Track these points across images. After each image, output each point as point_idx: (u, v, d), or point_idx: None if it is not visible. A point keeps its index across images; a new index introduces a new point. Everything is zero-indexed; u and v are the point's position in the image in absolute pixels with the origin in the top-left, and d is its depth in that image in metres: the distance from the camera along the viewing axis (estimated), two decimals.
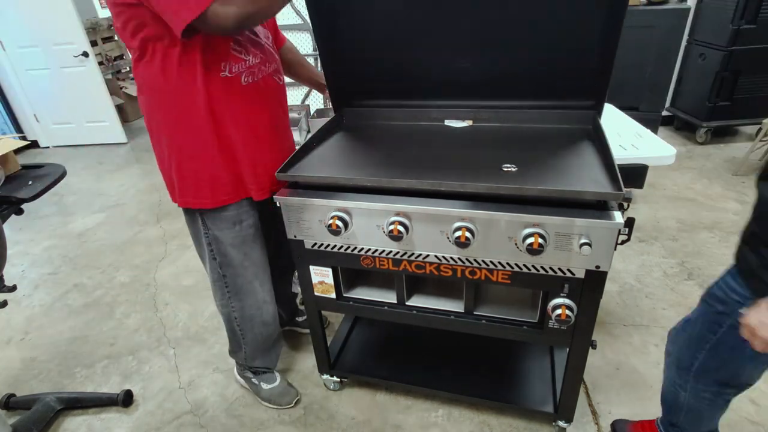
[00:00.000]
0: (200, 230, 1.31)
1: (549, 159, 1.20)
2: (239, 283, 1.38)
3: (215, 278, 1.39)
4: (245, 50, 1.17)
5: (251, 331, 1.48)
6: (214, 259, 1.34)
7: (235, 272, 1.36)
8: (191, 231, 1.36)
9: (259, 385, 1.60)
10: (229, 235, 1.30)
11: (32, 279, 2.49)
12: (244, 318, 1.44)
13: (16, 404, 1.65)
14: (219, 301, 1.44)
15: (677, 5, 2.99)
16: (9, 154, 1.68)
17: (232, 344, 1.57)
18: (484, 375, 1.55)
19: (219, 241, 1.31)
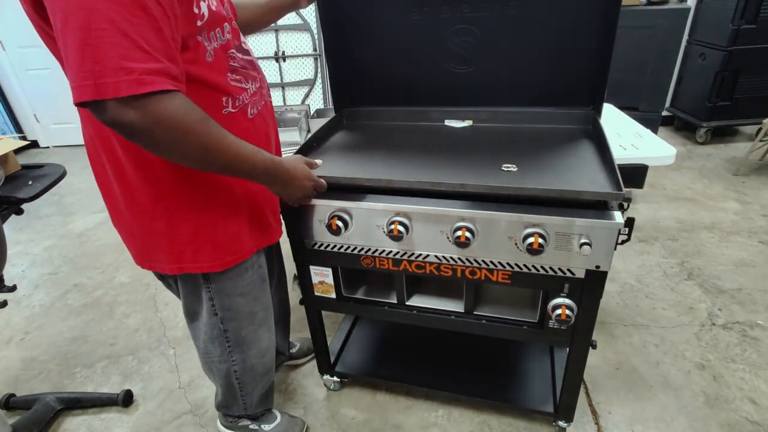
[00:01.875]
0: (199, 287, 1.11)
1: (549, 159, 1.20)
2: (243, 335, 1.20)
3: (213, 335, 1.18)
4: (244, 77, 1.00)
5: (252, 382, 1.31)
6: (215, 315, 1.14)
7: (239, 325, 1.18)
8: (183, 291, 1.13)
9: (259, 429, 1.42)
10: (240, 284, 1.12)
11: (32, 279, 2.49)
12: (245, 370, 1.27)
13: (16, 404, 1.65)
14: (216, 358, 1.23)
15: (677, 5, 2.99)
16: (9, 154, 1.68)
17: (226, 399, 1.35)
18: (484, 375, 1.55)
19: (224, 294, 1.11)
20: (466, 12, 1.34)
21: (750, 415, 1.48)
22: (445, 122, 1.52)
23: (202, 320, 1.18)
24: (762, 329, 1.81)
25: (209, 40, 0.89)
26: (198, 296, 1.13)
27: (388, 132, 1.50)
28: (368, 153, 1.35)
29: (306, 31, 3.41)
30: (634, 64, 3.01)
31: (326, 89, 3.56)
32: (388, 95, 1.56)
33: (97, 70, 0.68)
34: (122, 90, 0.69)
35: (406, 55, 1.46)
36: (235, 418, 1.42)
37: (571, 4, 1.26)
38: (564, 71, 1.37)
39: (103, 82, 0.68)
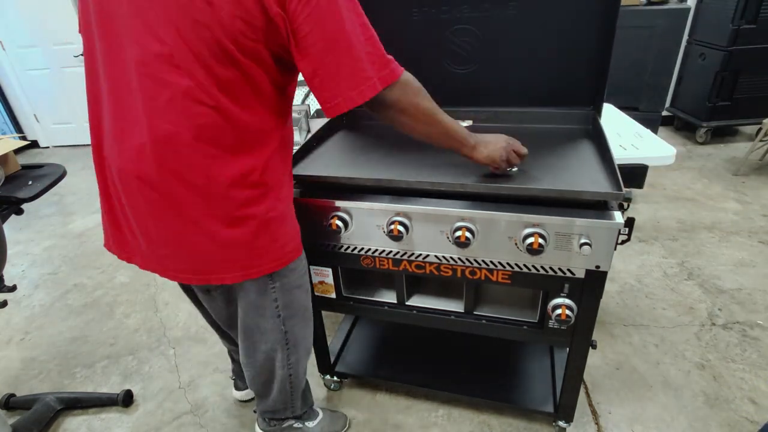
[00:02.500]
0: (266, 289, 1.06)
1: (549, 159, 1.20)
2: (298, 333, 1.17)
3: (275, 341, 1.14)
4: None
5: (300, 384, 1.28)
6: (278, 316, 1.10)
7: (297, 322, 1.15)
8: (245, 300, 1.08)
9: (303, 426, 1.38)
10: (298, 275, 1.11)
11: (32, 279, 2.49)
12: (298, 373, 1.23)
13: (16, 404, 1.65)
14: (278, 364, 1.18)
15: (677, 5, 2.99)
16: (9, 154, 1.68)
17: (276, 404, 1.29)
18: (484, 375, 1.55)
19: (286, 289, 1.08)
20: (466, 12, 1.34)
21: (750, 415, 1.48)
22: None
23: (266, 327, 1.12)
24: (762, 329, 1.81)
25: None
26: (263, 301, 1.07)
27: (388, 132, 1.49)
28: (368, 153, 1.35)
29: None
30: (634, 64, 3.01)
31: None
32: None
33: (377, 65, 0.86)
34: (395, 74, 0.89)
35: (406, 55, 1.46)
36: (279, 421, 1.36)
37: (571, 4, 1.27)
38: (564, 71, 1.37)
39: (384, 74, 0.87)
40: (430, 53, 1.43)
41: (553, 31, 1.32)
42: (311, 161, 1.29)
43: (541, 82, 1.41)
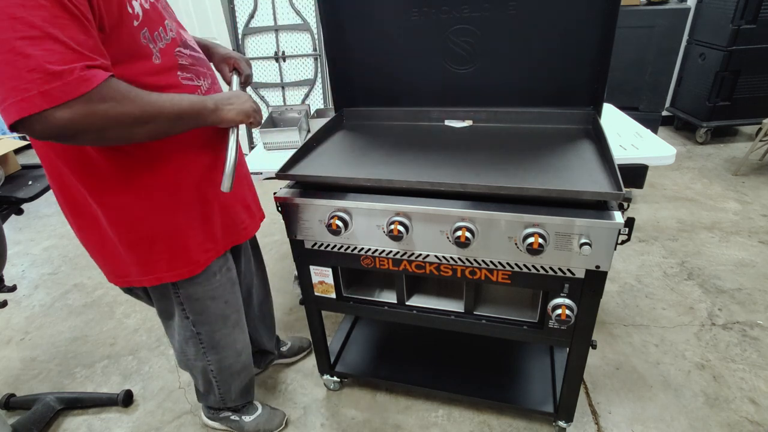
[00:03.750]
0: (168, 293, 1.13)
1: (549, 159, 1.20)
2: (217, 338, 1.24)
3: (186, 336, 1.22)
4: (195, 75, 0.99)
5: (228, 379, 1.35)
6: (186, 318, 1.17)
7: (212, 327, 1.21)
8: (154, 296, 1.15)
9: (240, 420, 1.48)
10: (208, 288, 1.14)
11: (32, 279, 2.49)
12: (222, 369, 1.31)
13: (16, 404, 1.65)
14: (191, 356, 1.27)
15: (677, 5, 2.99)
16: (9, 154, 1.68)
17: (205, 392, 1.41)
18: (484, 375, 1.55)
19: (193, 298, 1.14)
20: (466, 12, 1.34)
21: (750, 415, 1.48)
22: (445, 122, 1.52)
23: (175, 322, 1.21)
24: (762, 329, 1.81)
25: (154, 41, 0.89)
26: (169, 301, 1.15)
27: (388, 132, 1.50)
28: (368, 153, 1.35)
29: (306, 31, 3.41)
30: (634, 64, 3.01)
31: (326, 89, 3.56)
32: (388, 95, 1.56)
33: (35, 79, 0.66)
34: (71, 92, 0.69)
35: (406, 55, 1.46)
36: (215, 411, 1.48)
37: (571, 4, 1.26)
38: (564, 71, 1.37)
39: (46, 90, 0.67)
40: (430, 53, 1.43)
41: (553, 31, 1.32)
42: (311, 161, 1.29)
43: (541, 82, 1.41)
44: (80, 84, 0.69)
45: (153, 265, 1.04)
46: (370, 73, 1.53)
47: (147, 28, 0.87)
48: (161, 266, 1.04)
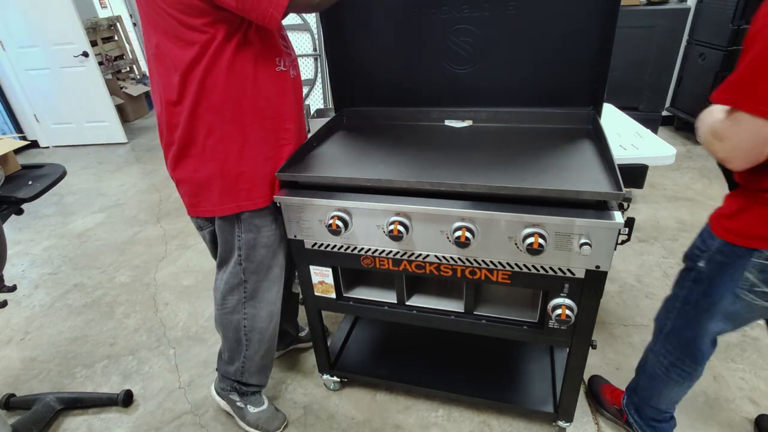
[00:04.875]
0: (233, 234, 1.23)
1: (549, 159, 1.20)
2: (259, 289, 1.31)
3: (234, 283, 1.30)
4: (287, 45, 1.20)
5: (257, 344, 1.38)
6: (240, 264, 1.26)
7: (258, 277, 1.30)
8: (220, 236, 1.26)
9: (245, 408, 1.49)
10: (265, 234, 1.24)
11: (32, 279, 2.49)
12: (254, 328, 1.35)
13: (16, 404, 1.65)
14: (231, 306, 1.33)
15: (677, 5, 2.99)
16: (9, 154, 1.68)
17: (230, 354, 1.42)
18: (484, 375, 1.55)
19: (251, 243, 1.24)
20: (466, 12, 1.34)
21: (750, 415, 1.48)
22: (445, 122, 1.52)
23: (228, 268, 1.29)
24: (762, 329, 1.80)
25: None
26: (230, 244, 1.25)
27: (388, 132, 1.50)
28: (368, 153, 1.35)
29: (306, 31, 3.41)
30: (634, 64, 3.01)
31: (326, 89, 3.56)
32: (388, 95, 1.56)
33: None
34: None
35: (406, 55, 1.46)
36: (228, 389, 1.50)
37: (571, 4, 1.27)
38: (564, 71, 1.37)
39: None
40: (430, 53, 1.43)
41: (553, 31, 1.32)
42: (311, 161, 1.29)
43: (541, 82, 1.41)
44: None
45: (236, 194, 1.17)
46: (370, 73, 1.54)
47: None
48: (242, 195, 1.17)
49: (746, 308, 1.01)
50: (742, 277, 0.97)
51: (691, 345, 1.14)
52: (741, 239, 0.95)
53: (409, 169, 1.21)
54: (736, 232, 0.95)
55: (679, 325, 1.15)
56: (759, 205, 0.91)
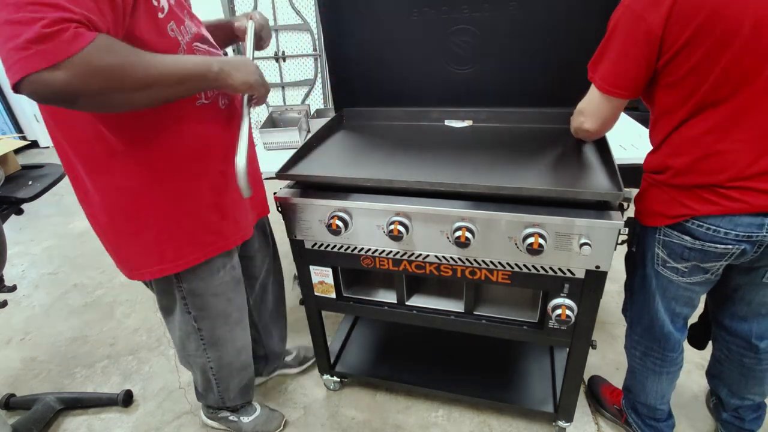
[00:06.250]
0: (171, 287, 1.12)
1: (549, 159, 1.21)
2: (218, 334, 1.23)
3: (187, 331, 1.21)
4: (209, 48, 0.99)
5: (228, 377, 1.34)
6: (188, 313, 1.16)
7: (213, 324, 1.20)
8: (156, 289, 1.14)
9: (239, 420, 1.47)
10: (211, 285, 1.13)
11: (32, 279, 2.49)
12: (221, 366, 1.30)
13: (16, 404, 1.65)
14: (192, 352, 1.26)
15: None
16: (9, 154, 1.68)
17: (204, 388, 1.39)
18: (484, 375, 1.55)
19: (196, 294, 1.13)
20: (466, 12, 1.34)
21: None
22: (445, 122, 1.52)
23: (176, 317, 1.19)
24: None
25: (182, 34, 0.89)
26: (171, 295, 1.14)
27: (388, 132, 1.50)
28: (368, 153, 1.35)
29: (306, 31, 3.41)
30: None
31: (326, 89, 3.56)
32: (388, 95, 1.56)
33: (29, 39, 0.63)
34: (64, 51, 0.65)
35: (406, 55, 1.46)
36: (215, 410, 1.48)
37: (571, 4, 1.27)
38: (564, 71, 1.37)
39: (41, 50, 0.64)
40: (430, 53, 1.43)
41: (553, 31, 1.32)
42: (311, 161, 1.29)
43: (541, 82, 1.41)
44: (72, 42, 0.65)
45: (157, 255, 1.03)
46: (370, 73, 1.54)
47: (174, 22, 0.87)
48: (167, 256, 1.03)
49: (671, 285, 1.08)
50: (655, 255, 1.06)
51: (655, 329, 1.17)
52: (645, 218, 1.06)
53: (409, 169, 1.20)
54: (641, 212, 1.07)
55: (636, 313, 1.21)
56: (652, 186, 1.03)
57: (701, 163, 0.92)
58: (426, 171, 1.18)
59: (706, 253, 0.97)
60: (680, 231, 0.98)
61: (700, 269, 1.02)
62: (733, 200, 0.90)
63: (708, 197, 0.92)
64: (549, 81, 1.40)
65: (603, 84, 0.97)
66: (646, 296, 1.14)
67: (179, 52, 0.88)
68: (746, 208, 0.90)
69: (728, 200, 0.90)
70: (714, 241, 0.94)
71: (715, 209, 0.92)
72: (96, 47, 0.68)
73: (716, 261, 0.98)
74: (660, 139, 0.99)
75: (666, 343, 1.17)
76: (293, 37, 3.43)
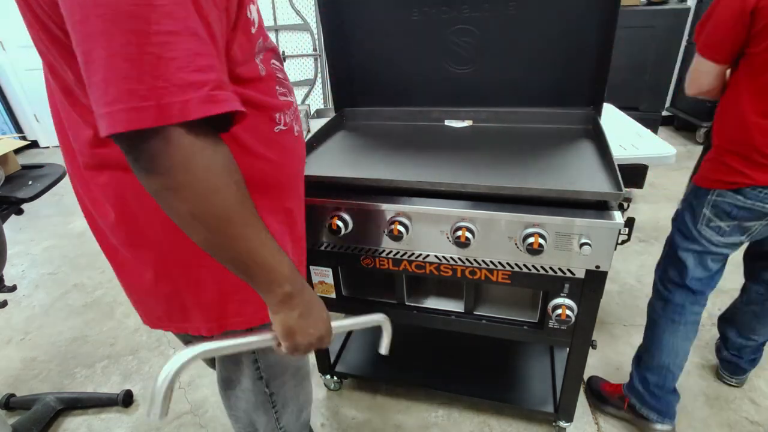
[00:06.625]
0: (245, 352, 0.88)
1: (549, 159, 1.20)
2: (288, 395, 0.98)
3: (258, 402, 0.95)
4: (288, 89, 0.80)
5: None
6: (260, 379, 0.92)
7: (282, 381, 0.95)
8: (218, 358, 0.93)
9: None
10: None
11: (32, 279, 2.49)
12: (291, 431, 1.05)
13: (16, 404, 1.65)
14: (262, 427, 1.00)
15: (677, 5, 2.99)
16: (9, 154, 1.68)
17: None
18: (484, 375, 1.55)
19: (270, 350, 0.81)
20: (466, 12, 1.34)
21: (750, 415, 1.48)
22: (445, 122, 1.52)
23: (242, 387, 0.94)
24: None
25: (263, 50, 0.72)
26: (237, 359, 0.91)
27: (388, 132, 1.50)
28: (368, 153, 1.35)
29: (306, 31, 3.41)
30: (634, 64, 3.01)
31: (326, 89, 3.56)
32: (388, 95, 1.56)
33: (159, 86, 0.50)
34: (191, 111, 0.51)
35: (406, 55, 1.46)
36: None
37: (571, 4, 1.27)
38: (563, 71, 1.37)
39: (168, 103, 0.50)
40: (430, 53, 1.43)
41: (553, 31, 1.32)
42: (311, 161, 1.29)
43: (541, 82, 1.41)
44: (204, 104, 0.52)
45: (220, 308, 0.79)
46: (370, 73, 1.54)
47: (261, 37, 0.70)
48: (231, 309, 0.80)
49: (709, 243, 1.23)
50: (702, 214, 1.21)
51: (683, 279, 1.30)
52: (702, 181, 1.21)
53: (409, 169, 1.20)
54: (701, 177, 1.22)
55: (669, 263, 1.35)
56: (718, 156, 1.17)
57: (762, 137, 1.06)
58: (426, 171, 1.18)
59: (753, 212, 1.12)
60: (735, 192, 1.13)
61: (740, 229, 1.17)
62: None
63: None
64: (549, 81, 1.40)
65: (702, 48, 1.12)
66: (682, 249, 1.28)
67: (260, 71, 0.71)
68: None
69: None
70: (764, 202, 1.10)
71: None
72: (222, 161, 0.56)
73: (758, 220, 1.14)
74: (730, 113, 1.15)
75: (689, 294, 1.31)
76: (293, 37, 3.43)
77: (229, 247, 0.61)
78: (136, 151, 0.53)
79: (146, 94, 0.49)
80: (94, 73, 0.50)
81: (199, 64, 0.52)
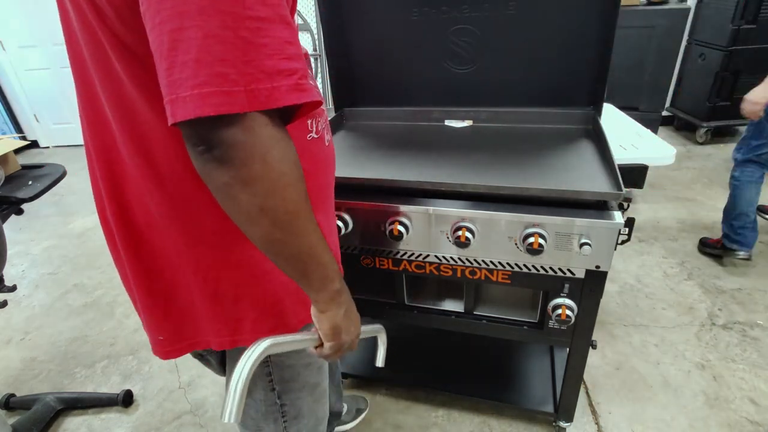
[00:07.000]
0: None
1: (549, 159, 1.20)
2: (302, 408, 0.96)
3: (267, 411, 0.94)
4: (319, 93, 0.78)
5: None
6: (272, 390, 0.91)
7: (297, 395, 0.94)
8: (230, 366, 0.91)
9: None
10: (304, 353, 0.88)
11: (32, 279, 2.49)
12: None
13: (16, 404, 1.65)
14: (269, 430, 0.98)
15: (677, 5, 2.99)
16: (9, 154, 1.68)
17: None
18: (484, 375, 1.55)
19: (285, 365, 0.88)
20: (466, 12, 1.34)
21: (750, 415, 1.48)
22: (445, 122, 1.52)
23: (253, 396, 0.93)
24: (762, 329, 1.81)
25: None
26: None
27: (388, 132, 1.50)
28: (368, 153, 1.35)
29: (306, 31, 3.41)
30: (634, 64, 3.01)
31: (326, 89, 3.56)
32: (388, 95, 1.56)
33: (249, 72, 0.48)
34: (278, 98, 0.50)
35: (406, 55, 1.46)
36: None
37: (571, 4, 1.27)
38: (564, 71, 1.37)
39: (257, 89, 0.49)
40: (430, 53, 1.43)
41: (553, 31, 1.32)
42: None
43: (541, 82, 1.41)
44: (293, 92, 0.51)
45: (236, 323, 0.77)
46: (370, 73, 1.54)
47: None
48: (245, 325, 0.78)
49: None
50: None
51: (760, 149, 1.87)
52: None
53: (409, 169, 1.20)
54: None
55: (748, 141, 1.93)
56: None
57: None
58: (426, 171, 1.18)
59: None
60: None
61: None
62: None
63: None
64: (549, 81, 1.40)
65: None
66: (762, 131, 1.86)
67: None
68: None
69: None
70: None
71: None
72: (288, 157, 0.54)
73: None
74: None
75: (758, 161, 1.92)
76: None
77: (293, 243, 0.59)
78: (212, 140, 0.49)
79: (237, 79, 0.48)
80: (184, 53, 0.46)
81: (289, 52, 0.51)
